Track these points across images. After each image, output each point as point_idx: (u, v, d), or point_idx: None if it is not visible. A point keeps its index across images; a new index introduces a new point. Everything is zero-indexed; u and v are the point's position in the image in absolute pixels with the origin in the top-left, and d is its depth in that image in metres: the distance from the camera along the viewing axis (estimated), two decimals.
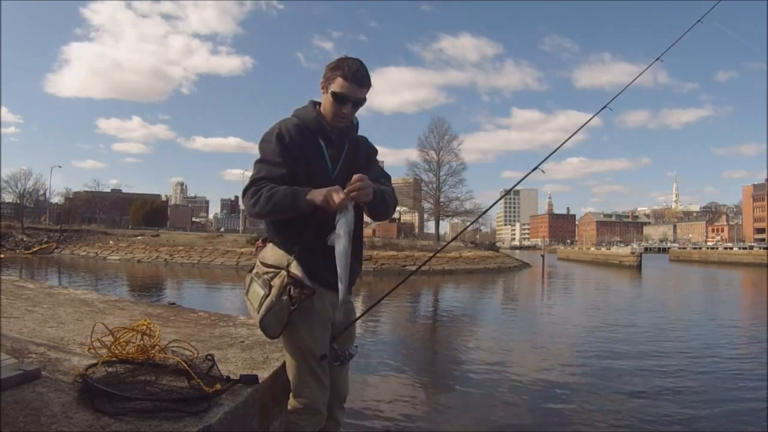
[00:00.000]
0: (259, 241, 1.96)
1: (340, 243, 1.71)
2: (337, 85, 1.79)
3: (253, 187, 1.74)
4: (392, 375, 7.05)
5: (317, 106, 1.90)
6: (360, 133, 2.05)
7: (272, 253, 1.86)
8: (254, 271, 1.89)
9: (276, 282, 1.77)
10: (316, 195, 1.67)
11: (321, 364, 1.84)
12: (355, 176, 1.76)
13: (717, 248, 68.94)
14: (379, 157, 2.13)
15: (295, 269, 1.76)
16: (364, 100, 1.87)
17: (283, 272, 1.77)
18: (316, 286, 1.78)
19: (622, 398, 6.25)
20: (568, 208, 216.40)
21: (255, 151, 1.90)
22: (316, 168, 1.84)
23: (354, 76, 1.79)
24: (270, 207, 1.68)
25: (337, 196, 1.65)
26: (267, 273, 1.81)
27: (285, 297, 1.73)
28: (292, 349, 1.85)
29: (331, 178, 1.84)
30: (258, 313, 1.78)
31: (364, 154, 2.01)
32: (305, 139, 1.84)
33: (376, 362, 7.73)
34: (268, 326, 1.77)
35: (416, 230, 69.16)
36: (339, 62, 1.82)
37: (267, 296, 1.76)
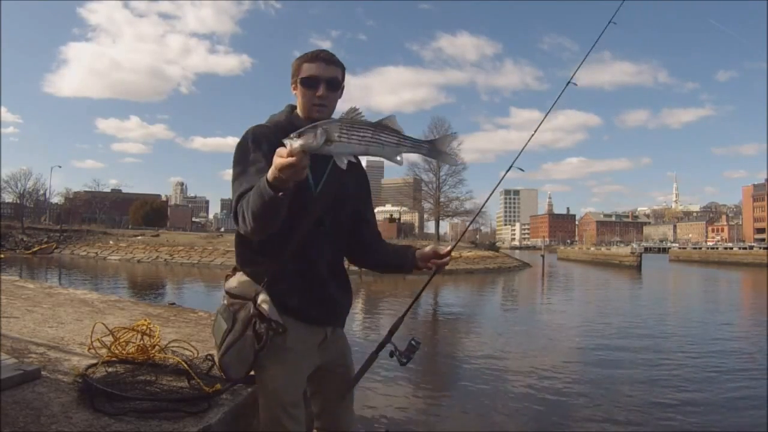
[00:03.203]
0: (230, 271, 1.71)
1: (355, 151, 1.32)
2: (304, 70, 1.61)
3: (237, 206, 1.43)
4: (392, 375, 7.04)
5: (295, 110, 1.68)
6: None
7: (239, 282, 1.61)
8: (222, 303, 1.66)
9: (241, 315, 1.53)
10: (271, 170, 1.27)
11: (295, 411, 1.58)
12: (442, 255, 1.69)
13: (717, 248, 68.94)
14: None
15: (263, 301, 1.51)
16: (339, 81, 1.63)
17: (249, 304, 1.52)
18: (291, 321, 1.52)
19: (621, 399, 6.25)
20: (568, 208, 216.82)
21: None
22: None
23: (318, 56, 1.61)
24: (251, 216, 1.34)
25: (286, 155, 1.22)
26: (233, 305, 1.58)
27: (250, 333, 1.49)
28: (263, 394, 1.60)
29: (313, 196, 1.59)
30: (219, 350, 1.56)
31: (355, 174, 1.72)
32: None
33: (376, 362, 7.73)
34: (228, 366, 1.53)
35: (416, 230, 69.20)
36: (301, 55, 1.68)
37: (230, 331, 1.53)
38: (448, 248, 1.73)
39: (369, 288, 19.71)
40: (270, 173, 1.25)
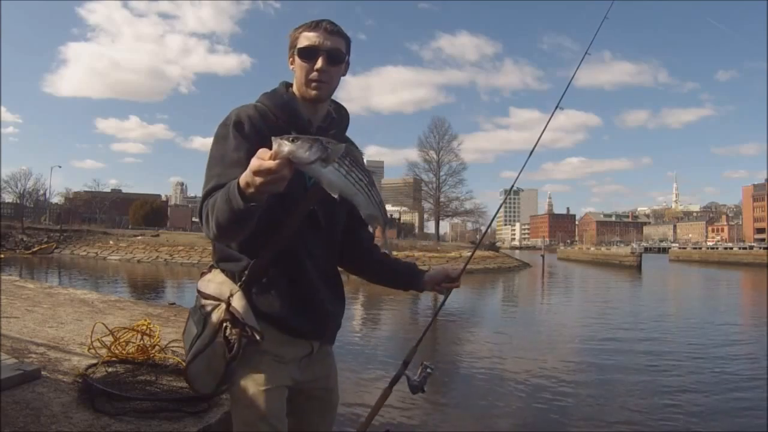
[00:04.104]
0: (206, 268, 1.50)
1: (340, 187, 1.08)
2: (302, 40, 1.38)
3: (203, 205, 1.22)
4: (392, 375, 7.05)
5: (290, 88, 1.45)
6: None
7: (214, 280, 1.39)
8: (194, 303, 1.43)
9: (213, 318, 1.30)
10: (245, 174, 1.06)
11: (279, 424, 1.35)
12: (453, 278, 1.58)
13: (717, 248, 68.92)
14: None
15: (238, 302, 1.28)
16: (343, 54, 1.40)
17: (223, 305, 1.30)
18: (271, 330, 1.30)
19: (621, 398, 6.25)
20: (568, 208, 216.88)
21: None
22: None
23: (319, 24, 1.38)
24: (215, 222, 1.14)
25: (268, 157, 1.01)
26: (205, 306, 1.35)
27: (220, 339, 1.27)
28: (238, 410, 1.34)
29: (305, 189, 1.35)
30: (186, 357, 1.33)
31: None
32: (271, 130, 1.24)
33: (376, 362, 7.73)
34: (196, 376, 1.30)
35: (416, 230, 69.23)
36: (300, 24, 1.44)
37: (199, 336, 1.30)
38: (459, 269, 1.62)
39: (360, 288, 19.68)
40: (243, 176, 1.05)
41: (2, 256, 27.05)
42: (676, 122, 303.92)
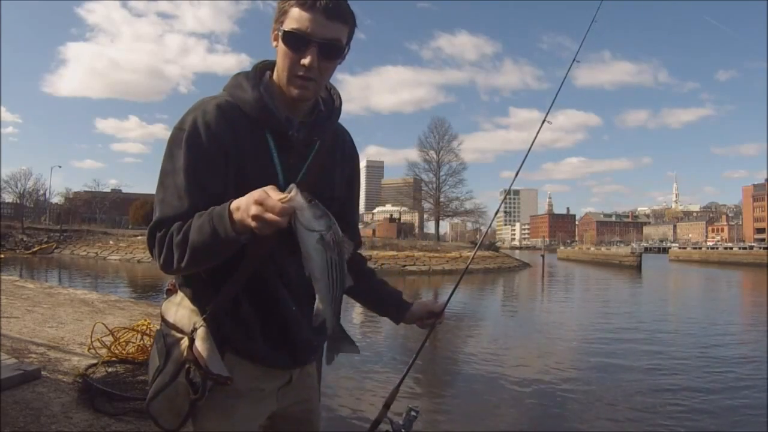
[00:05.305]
0: (171, 281, 1.24)
1: (313, 265, 0.98)
2: (291, 19, 1.06)
3: (155, 237, 1.05)
4: (391, 375, 7.05)
5: (268, 74, 1.17)
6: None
7: (178, 305, 1.18)
8: (158, 328, 1.24)
9: (175, 353, 1.12)
10: (242, 208, 0.94)
11: None
12: (437, 313, 1.38)
13: (717, 248, 68.93)
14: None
15: (201, 343, 1.09)
16: (342, 45, 1.09)
17: (186, 340, 1.12)
18: (244, 363, 1.15)
19: (621, 399, 6.24)
20: (568, 208, 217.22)
21: None
22: (257, 185, 0.98)
23: (317, 2, 1.04)
24: (189, 256, 1.00)
25: (275, 201, 0.90)
26: (169, 335, 1.16)
27: (182, 380, 1.10)
28: None
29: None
30: (148, 388, 1.16)
31: (344, 171, 1.28)
32: (240, 133, 1.10)
33: (375, 362, 7.73)
34: (159, 414, 1.14)
35: (416, 230, 69.23)
36: None
37: (160, 371, 1.14)
38: (443, 304, 1.44)
39: None
40: (241, 205, 0.93)
41: (2, 256, 27.05)
42: (676, 122, 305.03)
